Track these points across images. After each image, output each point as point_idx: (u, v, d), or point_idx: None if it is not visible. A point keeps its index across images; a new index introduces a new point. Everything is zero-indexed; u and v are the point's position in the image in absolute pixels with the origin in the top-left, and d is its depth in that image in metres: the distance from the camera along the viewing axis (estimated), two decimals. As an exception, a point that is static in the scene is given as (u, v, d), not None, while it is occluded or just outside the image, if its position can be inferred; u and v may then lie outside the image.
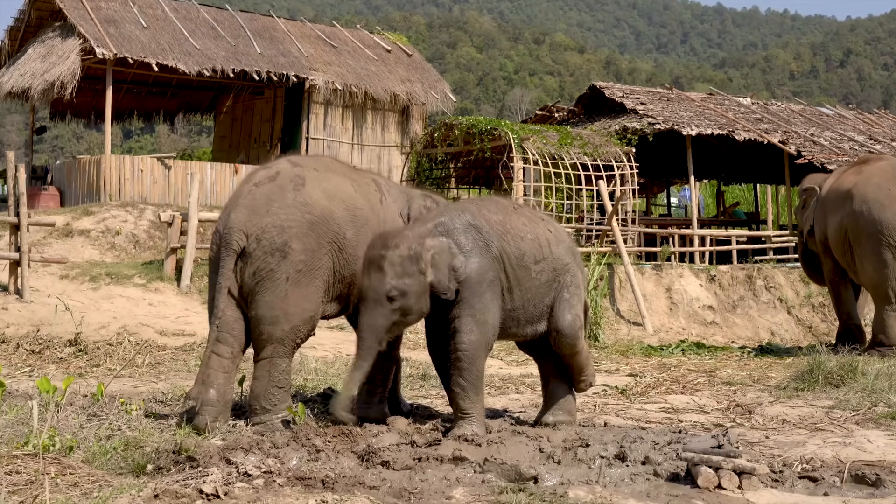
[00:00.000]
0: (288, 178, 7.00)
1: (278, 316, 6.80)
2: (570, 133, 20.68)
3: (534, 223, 7.23)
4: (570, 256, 7.32)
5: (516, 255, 6.96)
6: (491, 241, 6.88)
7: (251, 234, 6.77)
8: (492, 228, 6.94)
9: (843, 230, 12.44)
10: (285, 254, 6.77)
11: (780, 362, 12.21)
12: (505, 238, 6.95)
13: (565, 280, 7.20)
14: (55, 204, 21.12)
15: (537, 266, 7.05)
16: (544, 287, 7.08)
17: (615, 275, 17.10)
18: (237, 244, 6.76)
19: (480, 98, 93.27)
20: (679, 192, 33.87)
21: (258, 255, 6.76)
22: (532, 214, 7.51)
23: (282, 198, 6.87)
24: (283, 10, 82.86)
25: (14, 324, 11.96)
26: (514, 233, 7.02)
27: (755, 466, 5.70)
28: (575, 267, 7.33)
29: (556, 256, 7.16)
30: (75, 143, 68.06)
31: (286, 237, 6.78)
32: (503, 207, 7.25)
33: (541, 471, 5.81)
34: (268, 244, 6.75)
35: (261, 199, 6.87)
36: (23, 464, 5.29)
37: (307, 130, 23.36)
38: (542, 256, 7.08)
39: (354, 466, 5.84)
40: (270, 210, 6.81)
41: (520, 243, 7.00)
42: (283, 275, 6.77)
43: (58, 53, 20.77)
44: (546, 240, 7.16)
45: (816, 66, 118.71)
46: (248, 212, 6.83)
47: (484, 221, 6.95)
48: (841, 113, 27.88)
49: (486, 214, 7.03)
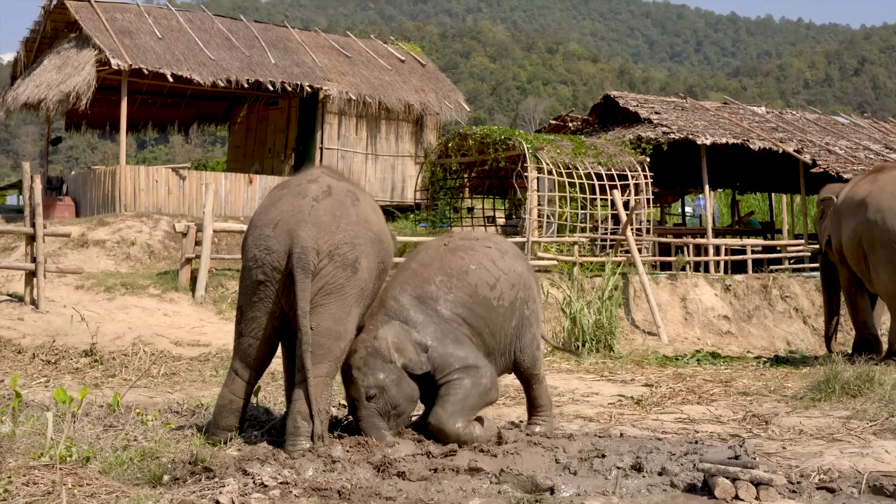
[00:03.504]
0: (343, 192, 6.85)
1: (341, 332, 6.59)
2: (584, 142, 20.67)
3: (471, 250, 7.12)
4: (520, 263, 7.32)
5: (469, 294, 6.90)
6: (439, 303, 6.83)
7: (322, 250, 6.53)
8: (437, 289, 6.87)
9: (858, 239, 12.39)
10: (355, 270, 6.61)
11: (797, 372, 12.16)
12: (451, 288, 6.88)
13: (524, 296, 7.18)
14: (70, 214, 21.18)
15: (494, 292, 6.97)
16: (509, 311, 7.06)
17: (630, 284, 17.08)
18: (313, 264, 6.47)
19: (494, 108, 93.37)
20: (694, 202, 33.84)
21: (329, 270, 6.53)
22: (466, 242, 7.31)
23: (346, 214, 6.71)
24: (296, 20, 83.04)
25: (30, 334, 11.98)
26: (458, 273, 6.94)
27: (773, 477, 5.67)
28: (528, 276, 7.32)
29: (507, 270, 7.11)
30: (90, 153, 68.30)
31: (357, 253, 6.63)
32: (437, 254, 7.11)
33: (557, 481, 5.78)
34: (340, 260, 6.55)
35: (326, 216, 6.63)
36: (40, 474, 5.29)
37: (321, 140, 23.38)
38: (494, 278, 7.00)
39: (370, 477, 5.82)
40: (340, 227, 6.62)
41: (467, 279, 6.93)
42: (351, 291, 6.60)
43: (73, 64, 20.84)
44: (489, 258, 7.09)
45: (831, 75, 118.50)
46: (316, 229, 6.56)
47: (425, 288, 6.88)
48: (856, 121, 27.83)
49: (425, 276, 6.94)
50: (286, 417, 6.58)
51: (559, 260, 17.42)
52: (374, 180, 24.11)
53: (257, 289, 6.64)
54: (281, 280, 6.55)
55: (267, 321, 6.68)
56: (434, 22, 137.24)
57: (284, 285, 6.55)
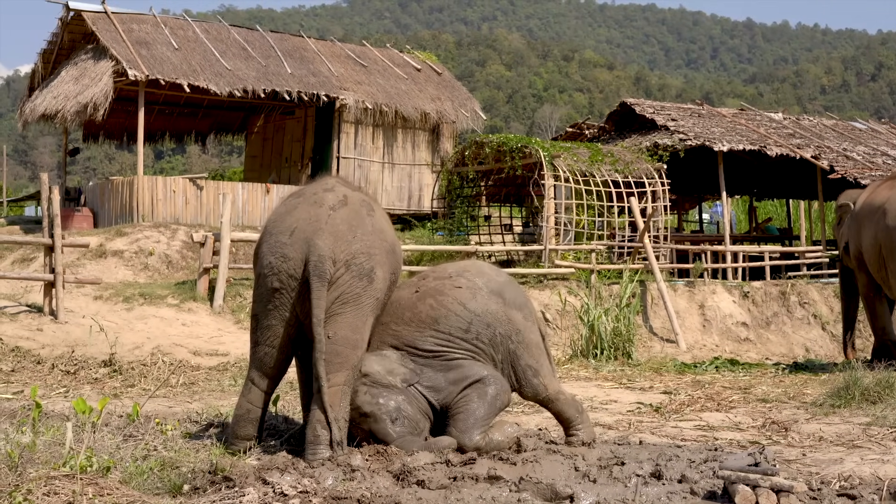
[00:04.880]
0: (358, 202, 6.86)
1: (358, 341, 6.61)
2: (600, 150, 20.66)
3: (441, 294, 6.97)
4: (493, 300, 7.00)
5: (446, 341, 6.85)
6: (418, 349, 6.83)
7: (339, 259, 6.53)
8: (412, 337, 6.85)
9: (878, 245, 12.33)
10: (371, 280, 6.62)
11: (816, 379, 12.11)
12: (426, 338, 6.84)
13: (506, 331, 6.97)
14: (88, 225, 21.25)
15: (469, 334, 6.85)
16: (491, 348, 6.94)
17: (647, 292, 17.06)
18: (330, 272, 6.48)
19: (510, 116, 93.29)
20: (711, 208, 33.81)
21: (345, 279, 6.54)
22: (436, 284, 7.09)
23: (363, 224, 6.72)
24: (312, 30, 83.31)
25: (49, 345, 12.02)
26: (429, 321, 6.86)
27: (793, 484, 5.64)
28: (507, 310, 7.02)
29: (479, 311, 6.91)
30: (107, 164, 68.51)
31: (373, 263, 6.63)
32: (409, 303, 6.99)
33: (577, 489, 5.77)
34: (357, 270, 6.56)
35: (343, 225, 6.65)
36: (61, 484, 5.30)
37: (338, 150, 23.41)
38: (466, 322, 6.86)
39: (390, 486, 5.82)
40: (356, 236, 6.63)
41: (438, 327, 6.84)
42: (367, 300, 6.61)
43: (90, 76, 20.93)
44: (459, 301, 6.91)
45: (848, 81, 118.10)
46: (333, 238, 6.57)
47: (401, 338, 6.86)
48: (874, 127, 27.75)
49: (395, 329, 6.89)
50: (305, 426, 6.58)
51: (576, 267, 17.41)
52: (390, 189, 24.14)
53: (272, 296, 6.65)
54: (297, 288, 6.56)
55: (282, 329, 6.69)
56: (450, 30, 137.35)
57: (300, 293, 6.56)
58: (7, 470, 5.48)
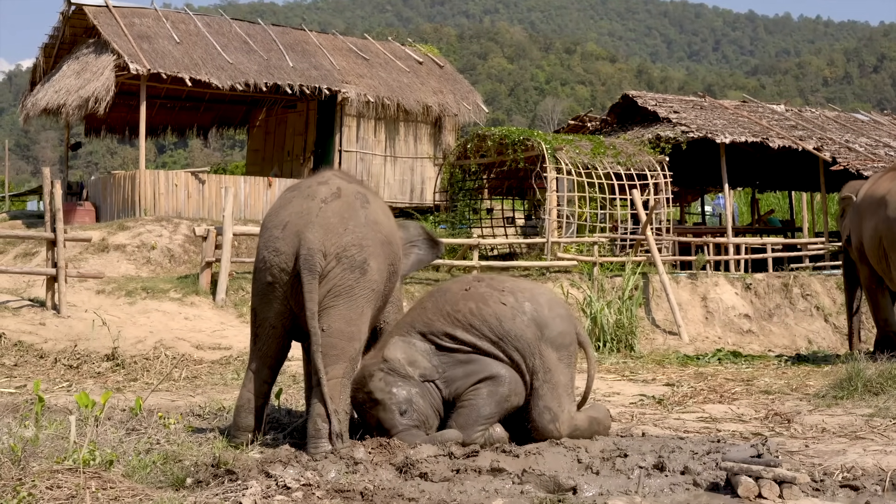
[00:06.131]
0: (352, 194, 6.85)
1: (354, 333, 6.61)
2: (602, 142, 20.66)
3: (485, 302, 6.84)
4: (532, 331, 6.81)
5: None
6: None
7: (329, 252, 6.53)
8: (442, 324, 6.83)
9: (879, 237, 12.31)
10: (364, 271, 6.60)
11: (818, 370, 12.11)
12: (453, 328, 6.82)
13: (534, 364, 6.79)
14: (91, 219, 21.24)
15: (496, 348, 6.76)
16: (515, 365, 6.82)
17: (650, 284, 17.05)
18: (320, 266, 6.48)
19: (512, 108, 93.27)
20: (713, 201, 33.77)
21: (337, 272, 6.53)
22: (487, 290, 6.95)
23: (355, 216, 6.71)
24: (314, 23, 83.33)
25: (52, 339, 12.02)
26: (465, 325, 6.80)
27: (796, 476, 5.64)
28: (539, 344, 6.82)
29: (514, 335, 6.77)
30: (109, 158, 68.54)
31: (365, 255, 6.62)
32: (453, 299, 6.92)
33: (579, 481, 5.77)
34: (348, 262, 6.55)
35: (334, 218, 6.65)
36: (64, 478, 5.30)
37: (340, 143, 23.39)
38: (497, 338, 6.76)
39: (393, 479, 5.82)
40: (348, 228, 6.62)
41: (481, 331, 6.77)
42: (360, 292, 6.61)
43: (92, 70, 20.91)
44: (497, 317, 6.78)
45: (850, 72, 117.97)
46: (323, 231, 6.57)
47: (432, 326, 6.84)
48: (876, 119, 27.73)
49: (433, 326, 6.83)
50: (307, 420, 6.59)
51: (579, 260, 17.41)
52: (393, 182, 24.13)
53: (267, 290, 6.71)
54: (289, 282, 6.60)
55: (279, 322, 6.75)
56: (451, 23, 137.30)
57: (293, 287, 6.59)
58: (10, 464, 5.49)
